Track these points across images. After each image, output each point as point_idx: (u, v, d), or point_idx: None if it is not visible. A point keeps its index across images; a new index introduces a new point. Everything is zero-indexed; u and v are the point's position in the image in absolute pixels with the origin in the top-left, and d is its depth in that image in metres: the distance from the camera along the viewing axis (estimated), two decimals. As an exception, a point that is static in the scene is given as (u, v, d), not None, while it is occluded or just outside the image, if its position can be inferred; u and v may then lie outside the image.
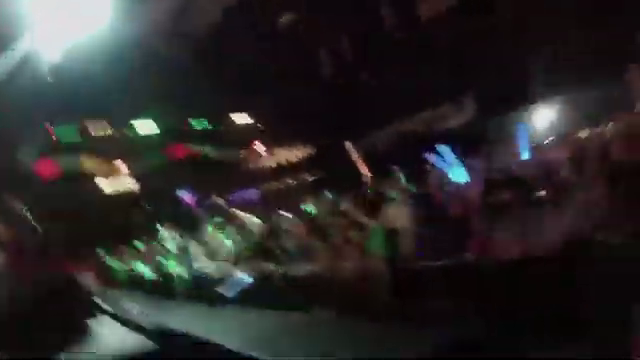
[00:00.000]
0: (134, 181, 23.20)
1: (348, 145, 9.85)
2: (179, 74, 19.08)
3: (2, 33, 13.39)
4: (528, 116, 17.00)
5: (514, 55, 15.78)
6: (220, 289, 9.91)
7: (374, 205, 8.58)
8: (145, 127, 22.62)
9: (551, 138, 11.91)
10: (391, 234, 7.54)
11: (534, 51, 15.65)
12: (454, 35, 16.52)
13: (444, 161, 7.74)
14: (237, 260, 10.12)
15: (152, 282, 13.17)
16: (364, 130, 21.11)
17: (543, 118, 16.21)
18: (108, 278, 15.00)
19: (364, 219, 8.42)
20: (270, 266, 9.40)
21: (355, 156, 9.80)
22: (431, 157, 7.79)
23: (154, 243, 14.51)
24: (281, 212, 12.88)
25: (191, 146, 22.97)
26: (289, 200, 16.34)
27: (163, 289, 12.35)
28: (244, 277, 9.51)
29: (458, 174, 7.83)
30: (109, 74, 17.43)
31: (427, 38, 17.05)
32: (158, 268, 13.23)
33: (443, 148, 7.74)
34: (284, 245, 9.96)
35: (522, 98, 16.40)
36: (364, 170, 9.55)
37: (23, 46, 13.69)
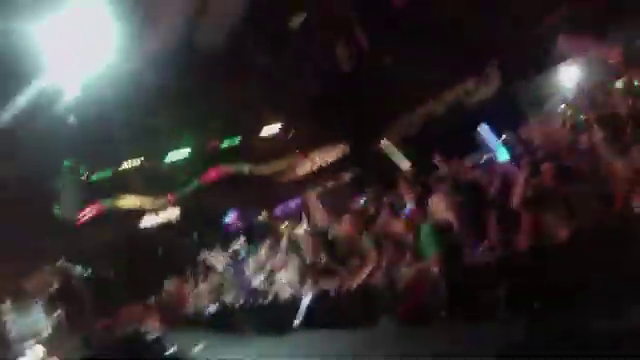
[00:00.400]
0: (178, 212, 23.35)
1: (384, 142, 9.64)
2: (201, 95, 19.08)
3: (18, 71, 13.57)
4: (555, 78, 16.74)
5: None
6: (286, 314, 9.80)
7: (419, 199, 8.43)
8: (179, 156, 22.64)
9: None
10: (441, 229, 7.36)
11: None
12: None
13: (488, 142, 7.60)
14: (299, 280, 9.96)
15: (214, 316, 13.05)
16: (392, 119, 20.99)
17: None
18: (171, 318, 14.97)
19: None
20: (329, 282, 9.23)
21: (392, 150, 9.59)
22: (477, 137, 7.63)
23: (210, 273, 14.46)
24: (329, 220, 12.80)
25: (226, 166, 23.00)
26: (335, 204, 16.20)
27: (227, 322, 12.22)
28: (308, 297, 9.37)
29: (502, 153, 7.69)
30: (130, 110, 17.51)
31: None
32: (218, 299, 13.15)
33: (484, 128, 7.59)
34: (338, 255, 9.81)
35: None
36: (404, 164, 9.34)
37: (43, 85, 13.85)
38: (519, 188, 6.29)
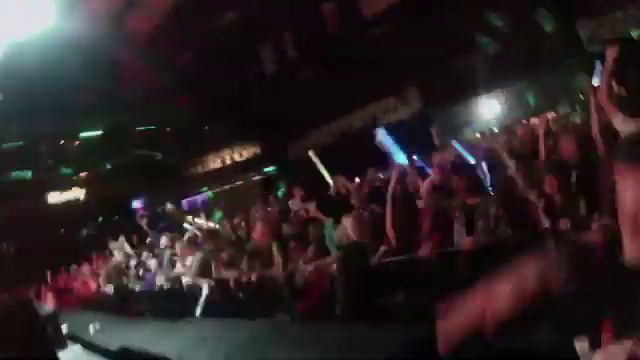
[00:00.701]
0: (85, 192, 22.86)
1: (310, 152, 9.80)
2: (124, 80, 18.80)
3: None
4: (472, 107, 17.35)
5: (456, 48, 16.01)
6: (183, 303, 9.82)
7: (330, 204, 8.63)
8: (93, 137, 22.15)
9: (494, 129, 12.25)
10: (348, 233, 7.56)
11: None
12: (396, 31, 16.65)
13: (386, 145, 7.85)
14: (197, 271, 10.00)
15: (112, 299, 12.88)
16: (309, 127, 21.23)
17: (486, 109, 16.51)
18: (67, 298, 14.67)
19: (319, 216, 8.46)
20: (230, 273, 9.32)
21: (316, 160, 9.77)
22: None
23: (110, 257, 14.28)
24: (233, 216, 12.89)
25: (138, 153, 22.67)
26: (240, 201, 16.29)
27: (123, 306, 12.10)
28: (206, 288, 9.44)
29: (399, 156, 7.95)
30: (51, 85, 17.09)
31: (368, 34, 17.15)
32: (116, 284, 12.98)
33: (382, 132, 7.85)
34: (241, 249, 9.92)
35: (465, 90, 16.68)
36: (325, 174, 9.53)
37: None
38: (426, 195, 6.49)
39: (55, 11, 12.65)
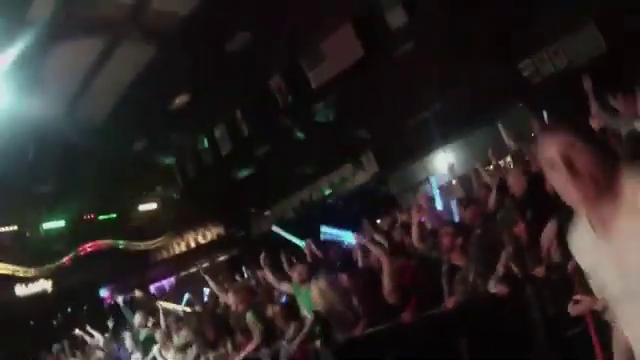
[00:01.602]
0: (51, 283, 22.45)
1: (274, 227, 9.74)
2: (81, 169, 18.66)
3: None
4: (428, 163, 17.56)
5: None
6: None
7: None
8: (55, 227, 21.89)
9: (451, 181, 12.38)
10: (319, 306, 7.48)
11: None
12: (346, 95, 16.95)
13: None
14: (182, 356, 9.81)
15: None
16: (270, 203, 21.31)
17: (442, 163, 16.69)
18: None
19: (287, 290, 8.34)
20: (211, 356, 9.15)
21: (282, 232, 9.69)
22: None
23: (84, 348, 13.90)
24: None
25: (103, 241, 22.43)
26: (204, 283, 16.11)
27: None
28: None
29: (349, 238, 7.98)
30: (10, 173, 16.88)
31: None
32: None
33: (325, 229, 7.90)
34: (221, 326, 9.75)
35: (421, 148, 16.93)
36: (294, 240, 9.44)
37: None
38: (386, 277, 6.44)
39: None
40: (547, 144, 1.95)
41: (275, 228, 9.41)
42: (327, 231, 8.06)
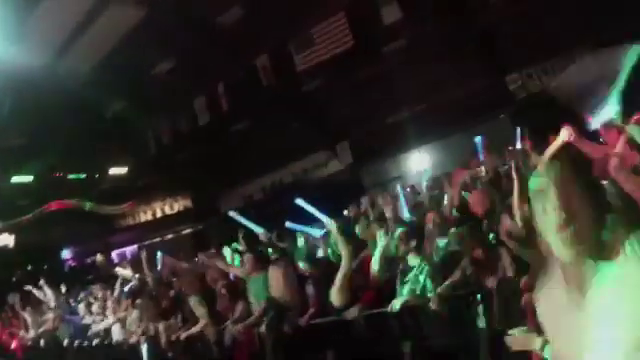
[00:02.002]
0: (13, 238, 22.23)
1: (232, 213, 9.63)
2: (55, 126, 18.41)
3: None
4: (402, 162, 17.60)
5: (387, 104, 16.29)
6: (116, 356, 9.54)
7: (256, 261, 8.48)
8: (24, 182, 21.56)
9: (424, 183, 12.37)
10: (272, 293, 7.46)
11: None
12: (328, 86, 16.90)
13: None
14: (132, 324, 9.74)
15: (44, 350, 12.33)
16: (240, 181, 21.21)
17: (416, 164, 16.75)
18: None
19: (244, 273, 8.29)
20: (161, 327, 9.07)
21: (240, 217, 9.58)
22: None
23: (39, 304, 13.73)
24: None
25: (70, 201, 22.14)
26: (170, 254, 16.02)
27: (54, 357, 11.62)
28: (144, 345, 9.18)
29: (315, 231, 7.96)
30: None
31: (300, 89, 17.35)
32: (48, 334, 12.48)
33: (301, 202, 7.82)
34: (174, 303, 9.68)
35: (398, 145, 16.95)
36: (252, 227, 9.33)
37: None
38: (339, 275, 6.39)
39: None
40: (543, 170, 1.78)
41: (232, 213, 9.31)
42: (293, 227, 8.04)
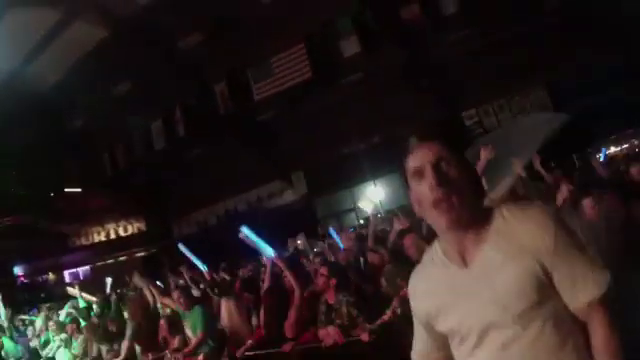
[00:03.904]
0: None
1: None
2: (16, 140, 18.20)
3: None
4: (357, 193, 17.67)
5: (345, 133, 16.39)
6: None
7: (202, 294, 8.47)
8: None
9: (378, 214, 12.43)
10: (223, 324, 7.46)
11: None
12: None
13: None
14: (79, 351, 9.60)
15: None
16: (194, 206, 21.11)
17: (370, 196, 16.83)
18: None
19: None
20: (104, 351, 8.97)
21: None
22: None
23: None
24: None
25: (24, 217, 21.75)
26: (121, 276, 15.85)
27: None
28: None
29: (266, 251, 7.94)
30: None
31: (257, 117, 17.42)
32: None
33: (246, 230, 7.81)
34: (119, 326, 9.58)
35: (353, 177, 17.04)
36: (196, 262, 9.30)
37: None
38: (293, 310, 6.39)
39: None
40: (419, 152, 1.85)
41: (181, 246, 9.27)
42: (248, 233, 7.94)
